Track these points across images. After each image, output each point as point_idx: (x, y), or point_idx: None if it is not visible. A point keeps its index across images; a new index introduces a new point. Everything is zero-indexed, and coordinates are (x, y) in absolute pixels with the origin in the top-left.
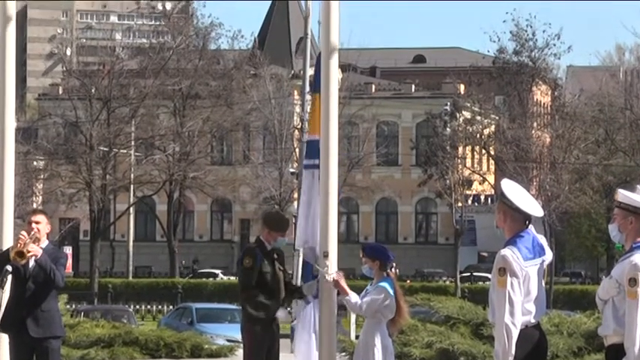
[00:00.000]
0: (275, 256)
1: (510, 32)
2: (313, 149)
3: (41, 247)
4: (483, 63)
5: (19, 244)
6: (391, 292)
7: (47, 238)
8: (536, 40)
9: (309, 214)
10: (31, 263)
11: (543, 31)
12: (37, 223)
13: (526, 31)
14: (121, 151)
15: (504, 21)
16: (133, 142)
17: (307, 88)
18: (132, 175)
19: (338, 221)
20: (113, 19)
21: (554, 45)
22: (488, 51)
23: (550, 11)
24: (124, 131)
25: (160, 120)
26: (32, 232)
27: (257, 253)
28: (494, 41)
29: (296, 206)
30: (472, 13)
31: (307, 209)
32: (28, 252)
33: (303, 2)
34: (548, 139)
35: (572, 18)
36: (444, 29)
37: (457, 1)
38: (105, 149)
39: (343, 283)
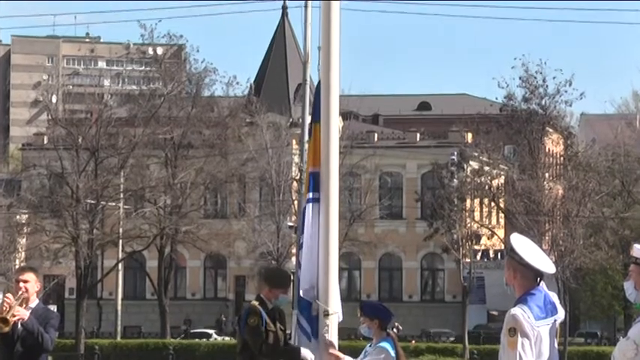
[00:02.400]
0: (277, 315)
1: (519, 78)
2: (313, 182)
3: (30, 308)
4: (491, 110)
5: (3, 309)
6: (392, 353)
7: (37, 296)
8: (547, 86)
9: (311, 252)
10: (19, 326)
11: (554, 78)
12: (25, 282)
13: (535, 77)
14: (109, 203)
15: (513, 67)
16: (121, 195)
17: (306, 137)
18: (120, 230)
19: (339, 277)
20: (101, 64)
21: (566, 92)
22: (496, 98)
23: (561, 57)
24: (113, 183)
25: (151, 171)
26: (20, 293)
27: (261, 312)
28: (503, 87)
29: (294, 262)
30: (479, 59)
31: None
32: (14, 316)
33: (301, 46)
34: (560, 191)
35: (584, 64)
36: (450, 75)
37: (460, 37)
38: (92, 202)
39: (334, 350)
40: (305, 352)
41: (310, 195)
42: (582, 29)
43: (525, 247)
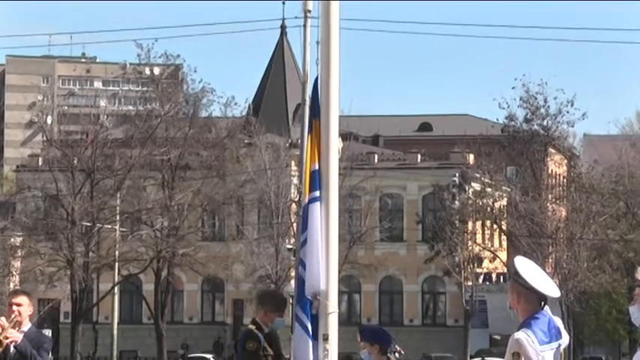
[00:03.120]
0: (273, 338)
1: (520, 99)
2: (314, 180)
3: (22, 331)
4: (493, 131)
5: None
6: None
7: (30, 320)
8: (549, 106)
9: (312, 254)
10: (12, 349)
11: (555, 98)
12: (18, 305)
13: (537, 97)
14: (105, 226)
15: (513, 87)
16: (117, 217)
17: (304, 158)
18: (117, 252)
19: (338, 301)
20: (97, 84)
21: (568, 112)
22: (497, 119)
23: (563, 76)
24: (109, 205)
25: (147, 193)
26: (12, 316)
27: (259, 337)
28: (504, 108)
29: (293, 285)
30: (481, 79)
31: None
32: (7, 338)
33: (300, 66)
34: (564, 213)
35: (587, 83)
36: (452, 95)
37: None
38: (88, 224)
39: None
40: None
41: (316, 194)
42: (584, 48)
43: (529, 270)
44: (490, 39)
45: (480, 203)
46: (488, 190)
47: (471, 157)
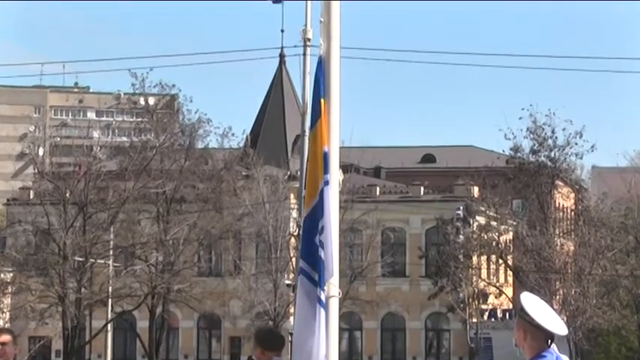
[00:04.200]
0: None
1: (527, 129)
2: (326, 163)
3: None
4: (498, 163)
5: None
6: None
7: (14, 359)
8: (556, 138)
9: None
10: None
11: (563, 129)
12: (3, 344)
13: (544, 128)
14: (98, 261)
15: (520, 118)
16: (111, 252)
17: (304, 191)
18: (110, 288)
19: (339, 338)
20: (90, 115)
21: (576, 144)
22: (503, 150)
23: (571, 107)
24: (102, 239)
25: (142, 226)
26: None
27: None
28: (510, 139)
29: (292, 322)
30: (486, 109)
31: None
32: None
33: (300, 96)
34: (572, 248)
35: (596, 114)
36: (455, 126)
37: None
38: (80, 259)
39: None
40: None
41: (327, 177)
42: (594, 78)
43: (536, 307)
44: (496, 68)
45: (485, 237)
46: (494, 223)
47: (476, 190)
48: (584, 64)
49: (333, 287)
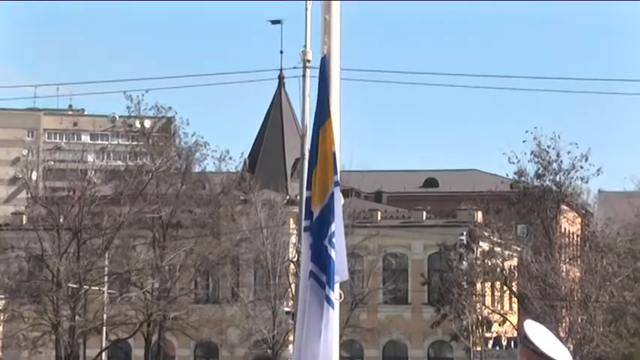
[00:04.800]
0: None
1: (532, 153)
2: (335, 164)
3: None
4: (502, 187)
5: None
6: None
7: None
8: (561, 161)
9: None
10: None
11: (569, 152)
12: None
13: (549, 152)
14: (93, 288)
15: (524, 141)
16: (106, 278)
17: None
18: (104, 316)
19: None
20: (85, 138)
21: (582, 167)
22: (507, 174)
23: (576, 129)
24: (96, 265)
25: (137, 252)
26: None
27: None
28: (513, 163)
29: (291, 350)
30: (489, 131)
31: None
32: None
33: (299, 119)
34: (578, 274)
35: (601, 137)
36: (458, 149)
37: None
38: (74, 286)
39: None
40: None
41: (336, 177)
42: (599, 101)
43: (540, 335)
44: (500, 90)
45: (489, 263)
46: (498, 249)
47: (479, 215)
48: (590, 86)
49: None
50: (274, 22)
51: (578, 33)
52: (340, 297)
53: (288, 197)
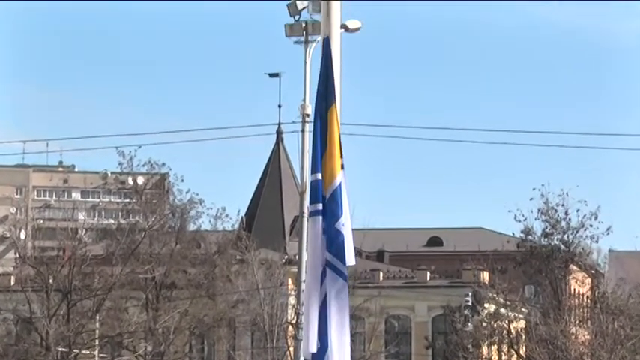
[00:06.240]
0: None
1: (539, 210)
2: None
3: None
4: (508, 247)
5: None
6: None
7: None
8: (570, 220)
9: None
10: None
11: (577, 210)
12: None
13: (557, 210)
14: (83, 351)
15: (531, 199)
16: (97, 341)
17: (303, 276)
18: None
19: None
20: (75, 195)
21: (591, 226)
22: (513, 233)
23: (585, 187)
24: (87, 328)
25: (130, 314)
26: None
27: None
28: (520, 221)
29: None
30: (495, 189)
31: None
32: None
33: (298, 175)
34: (588, 337)
35: (611, 194)
36: (463, 207)
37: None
38: (64, 350)
39: None
40: None
41: (343, 161)
42: (609, 157)
43: None
44: (506, 145)
45: (495, 326)
46: (504, 311)
47: (485, 275)
48: (598, 142)
49: None
50: (272, 74)
51: (586, 86)
52: None
53: (286, 257)
